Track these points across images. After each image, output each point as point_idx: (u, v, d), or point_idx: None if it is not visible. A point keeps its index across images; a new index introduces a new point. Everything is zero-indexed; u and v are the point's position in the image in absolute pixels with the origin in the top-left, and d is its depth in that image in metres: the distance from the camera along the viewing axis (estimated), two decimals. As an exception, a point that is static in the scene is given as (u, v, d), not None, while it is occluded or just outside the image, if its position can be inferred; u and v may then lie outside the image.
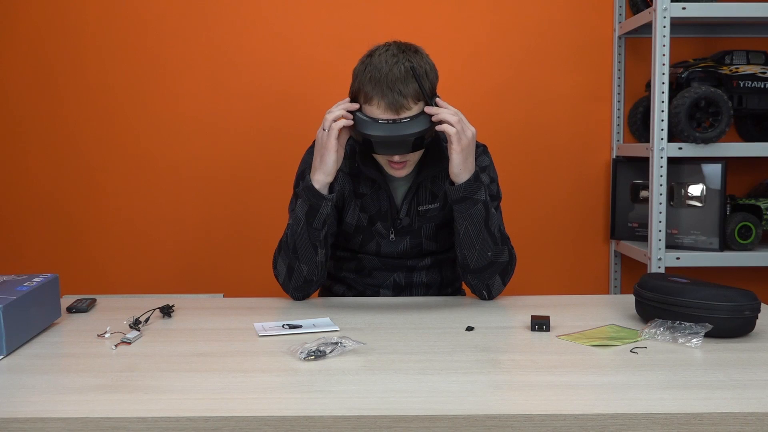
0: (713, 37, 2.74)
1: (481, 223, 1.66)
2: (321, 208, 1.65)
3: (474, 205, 1.65)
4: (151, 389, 1.14)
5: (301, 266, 1.70)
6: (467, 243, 1.68)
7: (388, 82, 1.60)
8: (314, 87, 2.69)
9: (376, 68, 1.62)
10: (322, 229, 1.68)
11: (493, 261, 1.69)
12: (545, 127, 2.74)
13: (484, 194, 1.66)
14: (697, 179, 2.47)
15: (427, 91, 1.63)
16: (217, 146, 2.72)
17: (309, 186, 1.65)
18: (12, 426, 1.03)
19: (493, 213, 1.69)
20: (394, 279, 1.85)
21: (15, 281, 1.45)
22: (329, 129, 1.63)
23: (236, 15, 2.69)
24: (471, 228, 1.66)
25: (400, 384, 1.16)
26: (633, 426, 1.03)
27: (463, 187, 1.63)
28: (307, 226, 1.67)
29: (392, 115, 1.61)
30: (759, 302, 1.40)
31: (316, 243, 1.69)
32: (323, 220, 1.67)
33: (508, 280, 1.75)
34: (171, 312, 1.60)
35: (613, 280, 2.79)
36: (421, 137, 1.62)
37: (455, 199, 1.65)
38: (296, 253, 1.69)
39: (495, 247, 1.68)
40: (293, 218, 1.70)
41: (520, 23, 2.71)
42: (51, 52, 2.69)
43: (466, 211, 1.65)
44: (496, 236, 1.68)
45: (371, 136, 1.60)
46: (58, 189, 2.73)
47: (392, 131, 1.60)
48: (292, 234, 1.69)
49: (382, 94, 1.60)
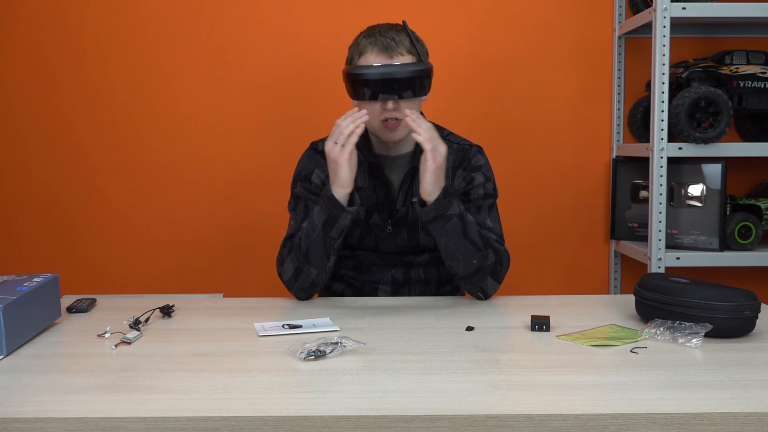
0: (713, 37, 2.74)
1: (460, 236, 1.66)
2: (340, 219, 1.66)
3: (448, 222, 1.65)
4: (151, 389, 1.14)
5: (311, 270, 1.71)
6: (449, 256, 1.69)
7: (381, 30, 1.73)
8: (315, 87, 2.69)
9: (368, 29, 1.76)
10: (338, 238, 1.69)
11: (480, 267, 1.70)
12: (545, 127, 2.74)
13: (457, 207, 1.66)
14: (697, 179, 2.47)
15: (419, 50, 1.72)
16: (217, 146, 2.72)
17: (329, 196, 1.65)
18: (12, 426, 1.03)
19: (470, 221, 1.69)
20: (392, 275, 1.85)
21: (15, 281, 1.45)
22: (345, 144, 1.63)
23: (237, 15, 2.69)
24: (450, 243, 1.67)
25: (400, 384, 1.16)
26: (633, 426, 1.03)
27: (433, 207, 1.64)
28: (323, 234, 1.67)
29: (386, 59, 1.69)
30: (759, 302, 1.40)
31: (330, 250, 1.70)
32: (341, 230, 1.68)
33: (502, 277, 1.75)
34: (171, 312, 1.60)
35: (613, 280, 2.79)
36: (415, 81, 1.67)
37: (428, 220, 1.66)
38: (308, 257, 1.69)
39: (479, 254, 1.69)
40: (308, 223, 1.70)
41: (520, 23, 2.71)
42: (52, 52, 2.69)
43: (441, 228, 1.66)
44: (478, 243, 1.68)
45: (365, 75, 1.66)
46: (58, 189, 2.73)
47: (386, 69, 1.67)
48: (306, 238, 1.69)
49: (375, 40, 1.71)
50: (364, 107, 1.72)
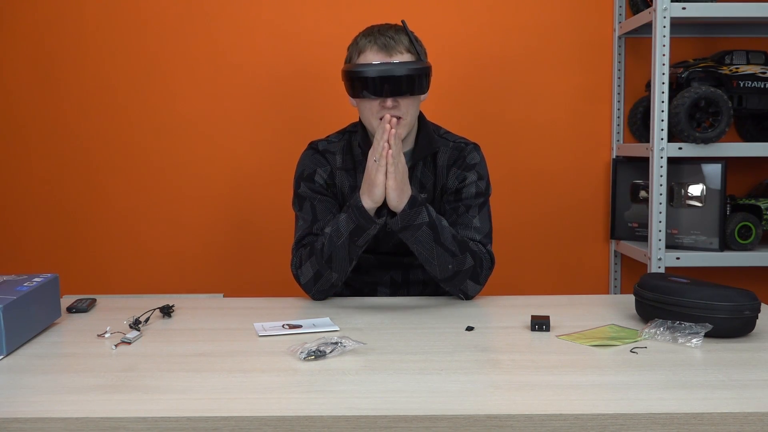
0: (713, 37, 2.73)
1: (431, 243, 1.67)
2: (369, 229, 1.67)
3: (417, 230, 1.66)
4: (151, 389, 1.14)
5: (332, 274, 1.71)
6: (424, 261, 1.70)
7: (380, 30, 1.74)
8: (315, 88, 2.69)
9: (368, 28, 1.77)
10: (364, 246, 1.70)
11: (457, 271, 1.70)
12: (545, 127, 2.74)
13: (426, 215, 1.66)
14: (697, 179, 2.47)
15: (418, 49, 1.73)
16: (218, 146, 2.72)
17: (359, 206, 1.65)
18: (12, 426, 1.03)
19: (443, 227, 1.68)
20: (391, 276, 1.86)
21: (15, 281, 1.45)
22: (380, 160, 1.62)
23: (238, 15, 2.68)
24: (422, 250, 1.68)
25: (400, 384, 1.16)
26: (633, 426, 1.03)
27: (400, 218, 1.65)
28: (349, 242, 1.68)
29: (385, 57, 1.70)
30: (759, 302, 1.40)
31: (354, 257, 1.71)
32: (368, 240, 1.69)
33: (484, 279, 1.75)
34: (171, 312, 1.60)
35: (613, 280, 2.79)
36: (414, 80, 1.67)
37: (398, 230, 1.68)
38: (330, 263, 1.70)
39: (453, 259, 1.69)
40: (333, 230, 1.69)
41: (520, 23, 2.71)
42: (52, 52, 2.69)
43: (411, 237, 1.67)
44: (452, 249, 1.68)
45: (364, 72, 1.67)
46: (59, 189, 2.73)
47: (385, 67, 1.67)
48: (330, 245, 1.69)
49: (374, 39, 1.72)
50: (362, 105, 1.73)
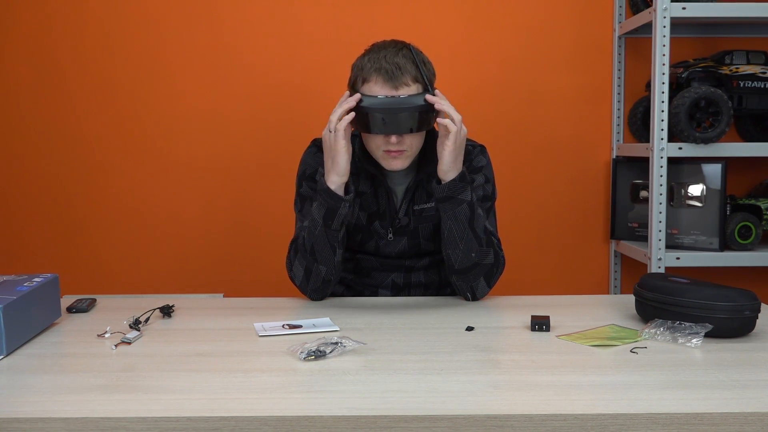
0: (713, 37, 2.74)
1: (465, 223, 1.66)
2: (339, 209, 1.65)
3: (459, 205, 1.65)
4: (151, 389, 1.14)
5: (320, 267, 1.70)
6: (451, 242, 1.69)
7: (386, 57, 1.65)
8: (316, 87, 2.69)
9: (374, 51, 1.69)
10: (340, 229, 1.69)
11: (477, 263, 1.69)
12: (545, 127, 2.74)
13: (470, 195, 1.66)
14: (697, 179, 2.47)
15: (425, 77, 1.67)
16: (218, 145, 2.72)
17: (325, 189, 1.65)
18: (12, 426, 1.03)
19: (479, 215, 1.69)
20: (392, 279, 1.85)
21: (15, 281, 1.45)
22: (335, 131, 1.63)
23: (241, 14, 2.69)
24: (455, 227, 1.67)
25: (400, 384, 1.16)
26: (633, 426, 1.03)
27: (447, 186, 1.64)
28: (325, 228, 1.67)
29: (390, 90, 1.64)
30: (759, 302, 1.40)
31: (335, 243, 1.69)
32: (341, 221, 1.67)
33: (494, 282, 1.75)
34: (171, 312, 1.60)
35: (613, 280, 2.79)
36: (420, 116, 1.62)
37: (440, 198, 1.66)
38: (314, 255, 1.69)
39: (479, 249, 1.68)
40: (310, 221, 1.70)
41: (521, 23, 2.71)
42: (55, 49, 2.69)
43: (450, 210, 1.66)
44: (481, 237, 1.68)
45: (370, 109, 1.61)
46: (59, 189, 2.73)
47: (391, 104, 1.61)
48: (310, 236, 1.69)
49: (380, 67, 1.64)
50: (367, 138, 1.71)
